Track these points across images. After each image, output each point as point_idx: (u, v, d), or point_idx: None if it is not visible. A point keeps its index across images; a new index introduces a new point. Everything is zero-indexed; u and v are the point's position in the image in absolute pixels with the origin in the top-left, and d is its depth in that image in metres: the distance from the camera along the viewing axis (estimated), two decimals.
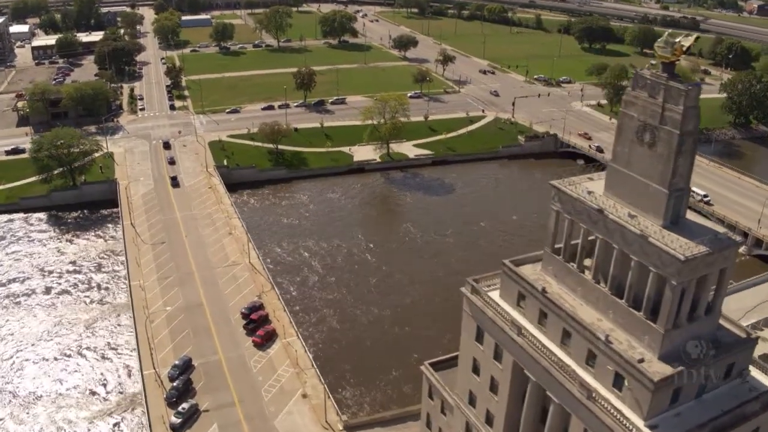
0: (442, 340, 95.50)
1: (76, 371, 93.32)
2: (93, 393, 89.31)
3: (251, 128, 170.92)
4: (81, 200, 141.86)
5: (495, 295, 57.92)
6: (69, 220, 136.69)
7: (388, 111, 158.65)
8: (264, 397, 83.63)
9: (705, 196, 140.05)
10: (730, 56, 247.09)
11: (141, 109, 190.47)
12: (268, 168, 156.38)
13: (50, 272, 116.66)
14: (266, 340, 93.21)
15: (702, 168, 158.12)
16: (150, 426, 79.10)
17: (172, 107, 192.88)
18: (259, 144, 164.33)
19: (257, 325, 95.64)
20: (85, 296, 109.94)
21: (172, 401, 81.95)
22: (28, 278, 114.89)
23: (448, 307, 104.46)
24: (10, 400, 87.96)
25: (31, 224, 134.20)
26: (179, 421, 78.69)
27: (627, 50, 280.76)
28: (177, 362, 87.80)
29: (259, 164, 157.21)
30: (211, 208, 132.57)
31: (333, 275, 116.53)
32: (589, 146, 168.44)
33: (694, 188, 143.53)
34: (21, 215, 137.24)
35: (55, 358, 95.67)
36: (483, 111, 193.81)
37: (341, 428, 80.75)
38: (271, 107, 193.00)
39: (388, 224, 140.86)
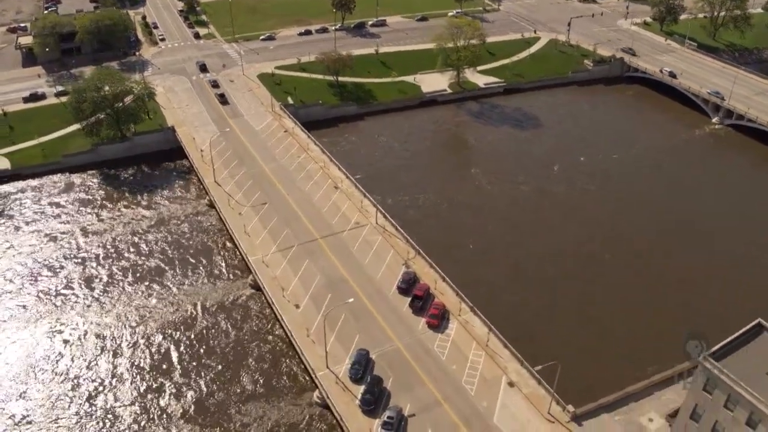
0: (561, 308, 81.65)
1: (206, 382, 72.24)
2: (233, 407, 68.86)
3: (301, 57, 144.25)
4: (133, 153, 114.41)
5: None
6: (127, 178, 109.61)
7: (463, 37, 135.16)
8: (469, 391, 67.73)
9: None
10: None
11: (161, 40, 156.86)
12: (336, 104, 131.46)
13: (114, 250, 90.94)
14: (441, 319, 75.79)
15: None
16: None
17: (197, 36, 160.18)
18: (316, 76, 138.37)
19: (424, 301, 78.06)
20: (178, 278, 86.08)
21: (370, 409, 65.15)
22: (88, 258, 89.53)
23: (559, 272, 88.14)
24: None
25: (81, 186, 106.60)
26: None
27: None
28: (355, 358, 69.76)
29: (324, 100, 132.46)
30: (300, 157, 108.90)
31: (424, 237, 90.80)
32: (661, 71, 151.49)
33: None
34: (66, 176, 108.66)
35: (161, 369, 73.86)
36: (535, 32, 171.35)
37: (567, 420, 67.43)
38: (308, 32, 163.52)
39: (466, 168, 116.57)
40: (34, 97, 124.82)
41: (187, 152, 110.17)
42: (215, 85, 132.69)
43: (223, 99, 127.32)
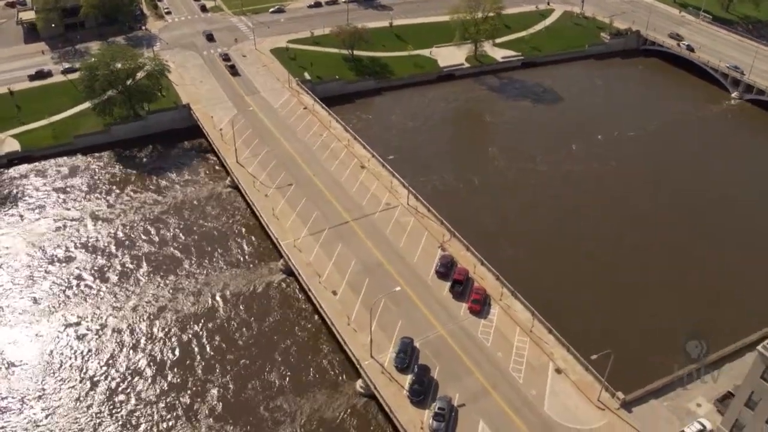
0: (586, 290, 78.33)
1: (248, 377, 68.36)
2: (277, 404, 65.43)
3: (314, 30, 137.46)
4: (147, 132, 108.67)
5: None
6: (142, 159, 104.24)
7: (482, 9, 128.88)
8: (517, 379, 65.30)
9: None
10: None
11: (167, 13, 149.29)
12: (354, 80, 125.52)
13: (132, 236, 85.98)
14: (483, 304, 72.81)
15: None
16: None
17: (204, 8, 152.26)
18: (330, 50, 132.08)
19: (464, 286, 74.98)
20: (203, 263, 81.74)
21: (419, 399, 62.41)
22: (105, 245, 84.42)
23: (583, 255, 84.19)
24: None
25: (95, 168, 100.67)
26: (441, 425, 59.42)
27: None
28: (399, 346, 66.83)
29: (340, 75, 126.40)
30: (323, 135, 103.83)
31: (449, 218, 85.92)
32: (678, 44, 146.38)
33: None
34: (78, 157, 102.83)
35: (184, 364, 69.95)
36: (549, 3, 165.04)
37: (617, 407, 65.35)
38: (318, 4, 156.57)
39: (485, 147, 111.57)
40: (41, 75, 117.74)
41: (205, 131, 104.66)
42: (226, 58, 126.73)
43: (233, 71, 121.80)
